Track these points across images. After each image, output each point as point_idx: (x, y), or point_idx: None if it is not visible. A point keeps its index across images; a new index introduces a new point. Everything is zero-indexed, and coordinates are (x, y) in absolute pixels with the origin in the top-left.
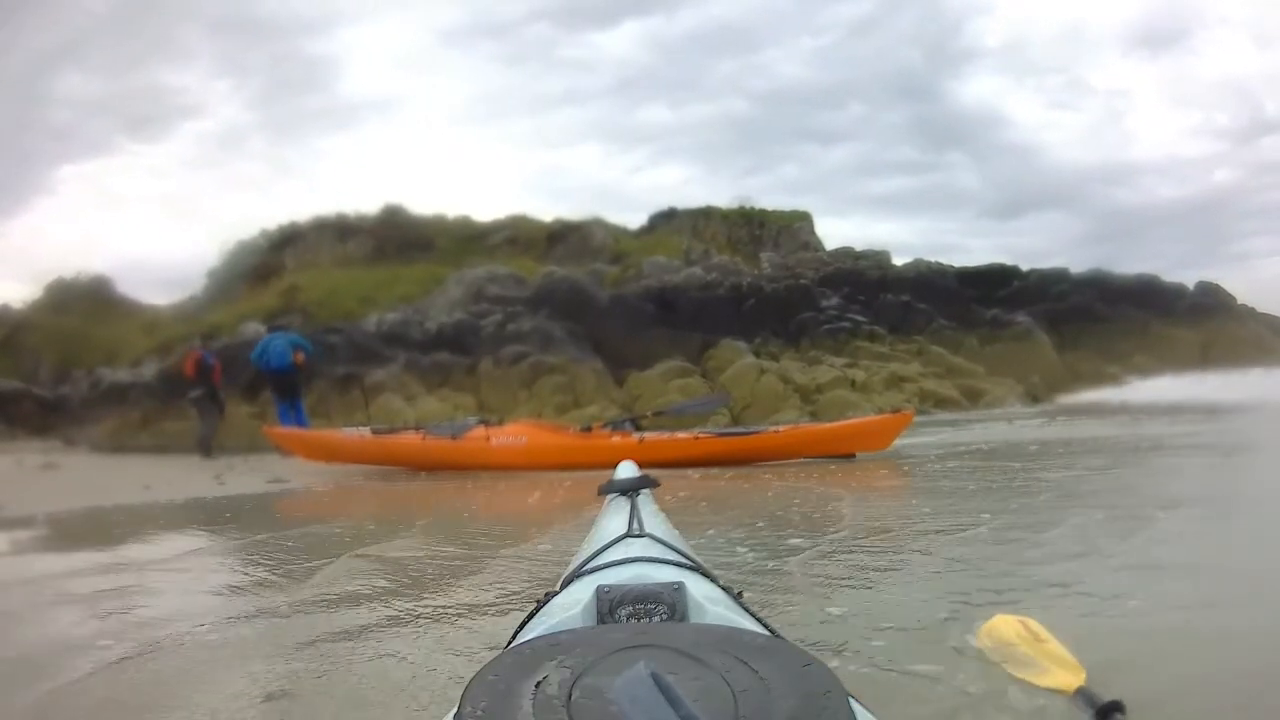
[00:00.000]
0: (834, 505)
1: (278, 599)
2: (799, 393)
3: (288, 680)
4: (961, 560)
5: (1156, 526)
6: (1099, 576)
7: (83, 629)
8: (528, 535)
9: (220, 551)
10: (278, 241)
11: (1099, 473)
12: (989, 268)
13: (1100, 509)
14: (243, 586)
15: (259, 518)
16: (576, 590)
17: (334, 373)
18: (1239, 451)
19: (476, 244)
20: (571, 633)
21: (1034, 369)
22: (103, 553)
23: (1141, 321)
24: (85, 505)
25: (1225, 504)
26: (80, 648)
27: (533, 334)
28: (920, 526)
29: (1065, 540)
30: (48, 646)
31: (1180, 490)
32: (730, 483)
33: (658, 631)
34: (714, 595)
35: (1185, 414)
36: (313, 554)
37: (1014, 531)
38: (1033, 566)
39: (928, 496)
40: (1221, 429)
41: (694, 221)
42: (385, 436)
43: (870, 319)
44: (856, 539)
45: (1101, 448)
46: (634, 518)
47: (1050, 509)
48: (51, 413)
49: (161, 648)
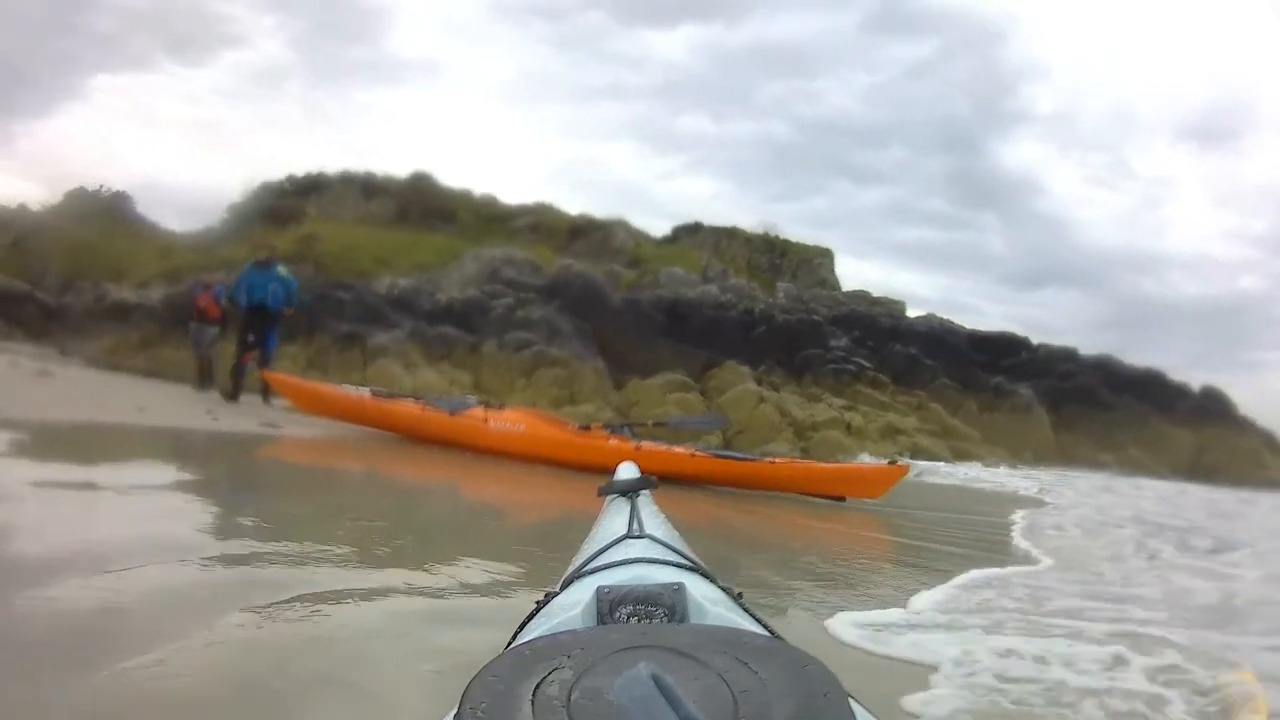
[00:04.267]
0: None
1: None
2: (793, 427)
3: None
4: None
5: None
6: None
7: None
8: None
9: (204, 488)
10: (304, 187)
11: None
12: (1000, 335)
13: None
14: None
15: (256, 461)
16: (576, 591)
17: (338, 329)
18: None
19: (499, 225)
20: (571, 633)
21: (1028, 443)
22: (95, 469)
23: (1142, 415)
24: (82, 419)
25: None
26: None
27: (540, 323)
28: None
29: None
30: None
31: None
32: (719, 508)
33: (658, 632)
34: (714, 596)
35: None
36: (292, 502)
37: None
38: None
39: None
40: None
41: (717, 239)
42: (384, 401)
43: (876, 366)
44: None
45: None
46: (634, 518)
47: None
48: (51, 320)
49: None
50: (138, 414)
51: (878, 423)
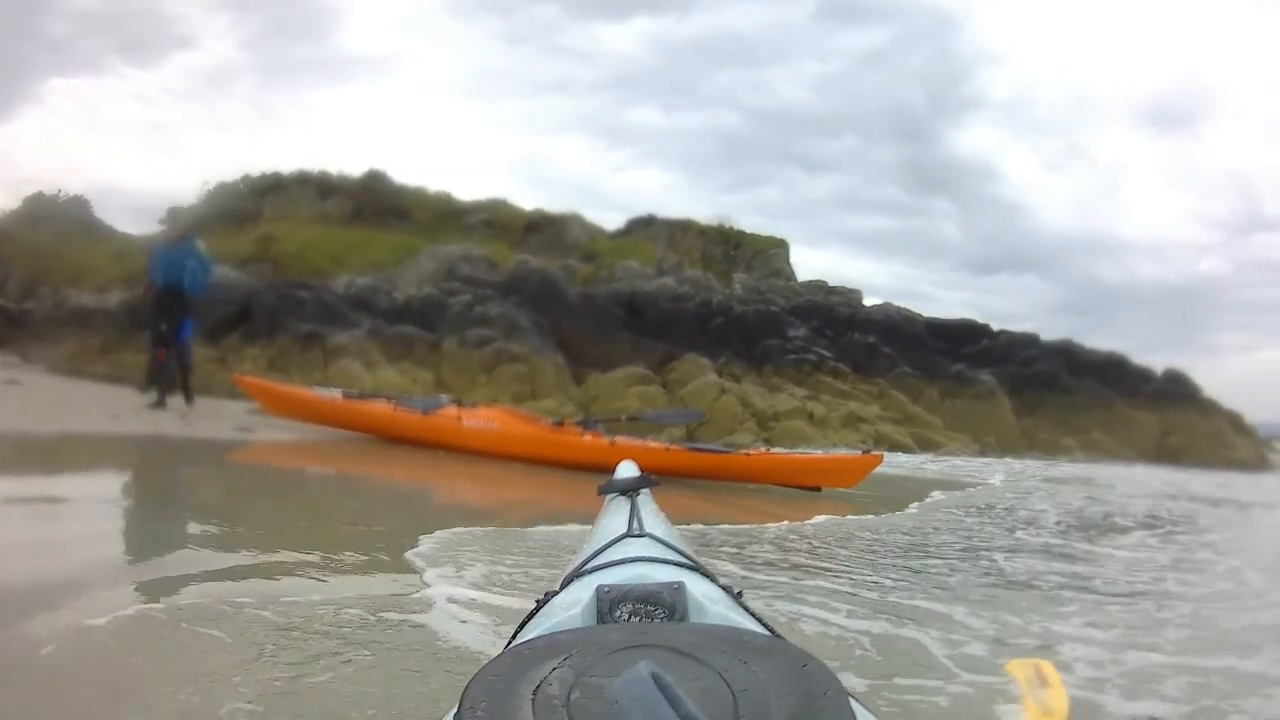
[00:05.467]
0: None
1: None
2: (756, 417)
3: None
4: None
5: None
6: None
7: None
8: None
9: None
10: (259, 189)
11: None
12: (960, 322)
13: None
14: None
15: (232, 466)
16: (576, 590)
17: (299, 329)
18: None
19: (454, 221)
20: (571, 632)
21: (991, 429)
22: (88, 480)
23: (1105, 399)
24: (58, 429)
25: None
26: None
27: (499, 320)
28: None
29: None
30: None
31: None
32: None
33: (658, 631)
34: (714, 595)
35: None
36: (279, 508)
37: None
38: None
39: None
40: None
41: (671, 232)
42: (356, 402)
43: (835, 355)
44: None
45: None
46: (634, 517)
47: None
48: (14, 326)
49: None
50: (112, 422)
51: (840, 412)
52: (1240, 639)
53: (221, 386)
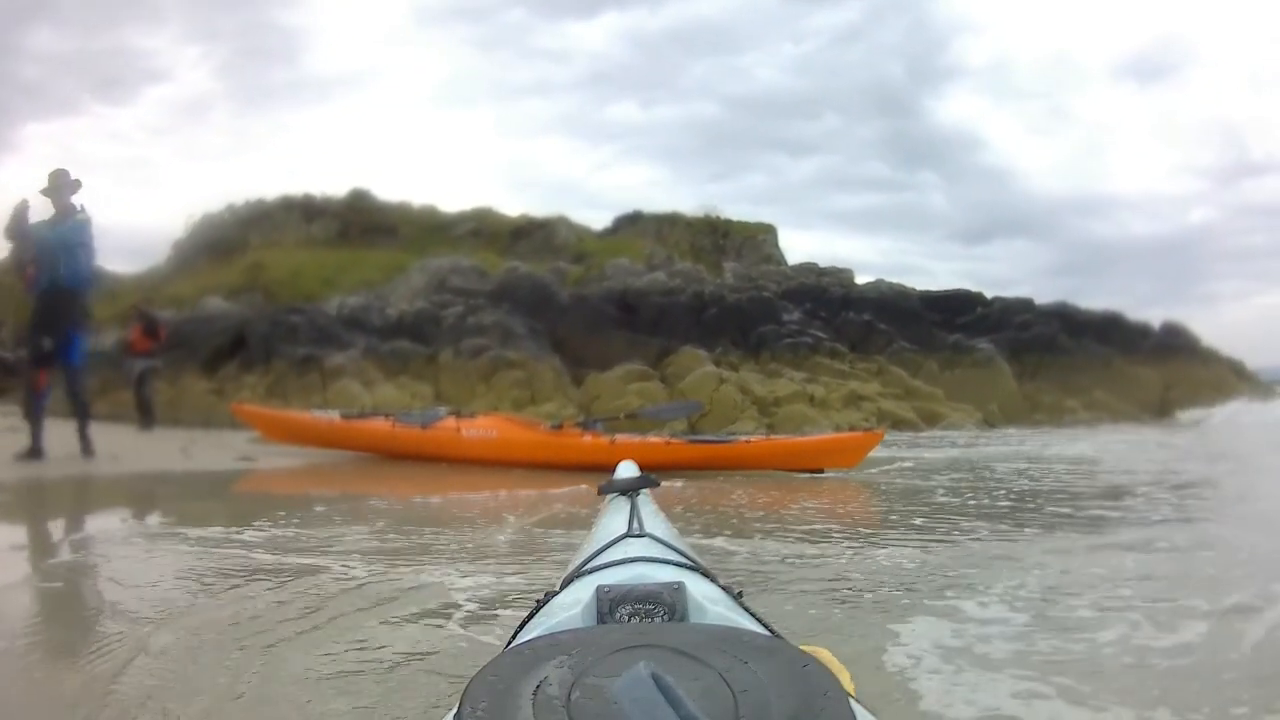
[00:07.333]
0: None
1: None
2: (756, 404)
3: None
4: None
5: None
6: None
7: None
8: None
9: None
10: (244, 218)
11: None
12: (953, 292)
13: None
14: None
15: (239, 497)
16: (576, 590)
17: (294, 353)
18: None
19: (441, 234)
20: (571, 633)
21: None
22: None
23: (1104, 357)
24: (67, 473)
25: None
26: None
27: (493, 328)
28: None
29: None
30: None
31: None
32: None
33: (658, 631)
34: (714, 595)
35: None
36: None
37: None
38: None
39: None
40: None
41: (658, 226)
42: (354, 422)
43: (831, 336)
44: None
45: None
46: (634, 517)
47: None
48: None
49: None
50: (112, 463)
51: (840, 392)
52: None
53: (222, 418)
